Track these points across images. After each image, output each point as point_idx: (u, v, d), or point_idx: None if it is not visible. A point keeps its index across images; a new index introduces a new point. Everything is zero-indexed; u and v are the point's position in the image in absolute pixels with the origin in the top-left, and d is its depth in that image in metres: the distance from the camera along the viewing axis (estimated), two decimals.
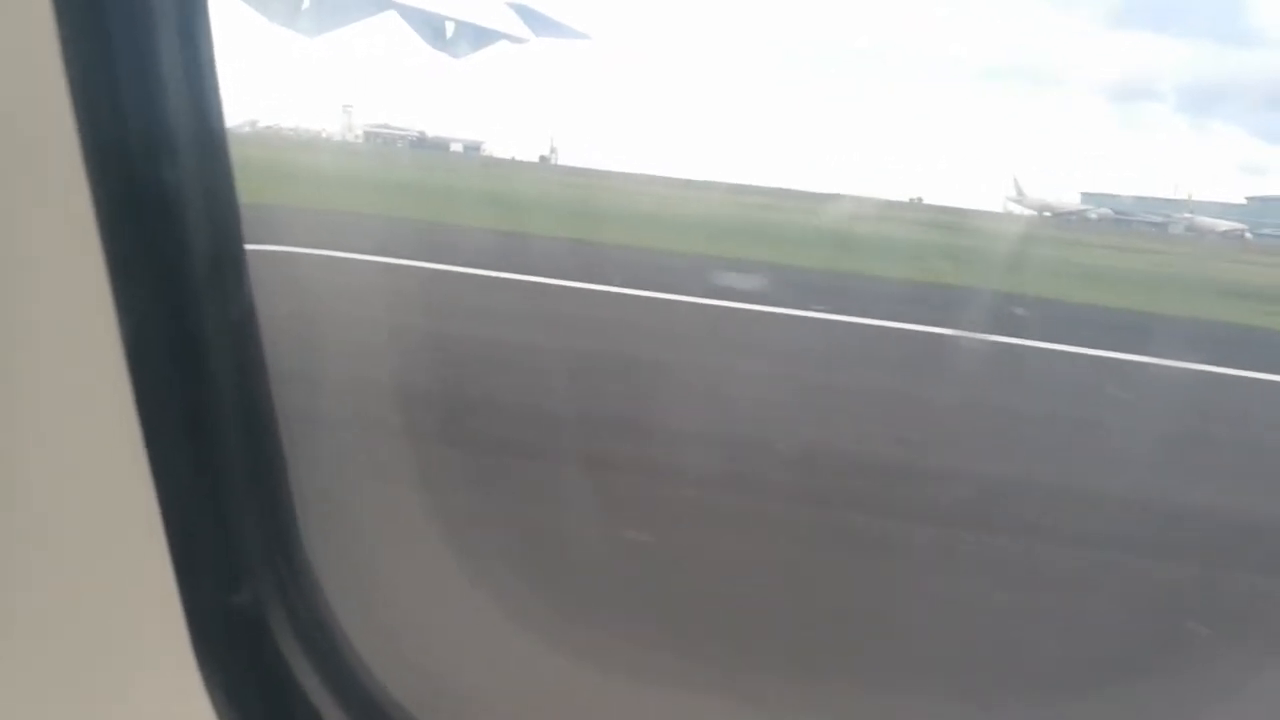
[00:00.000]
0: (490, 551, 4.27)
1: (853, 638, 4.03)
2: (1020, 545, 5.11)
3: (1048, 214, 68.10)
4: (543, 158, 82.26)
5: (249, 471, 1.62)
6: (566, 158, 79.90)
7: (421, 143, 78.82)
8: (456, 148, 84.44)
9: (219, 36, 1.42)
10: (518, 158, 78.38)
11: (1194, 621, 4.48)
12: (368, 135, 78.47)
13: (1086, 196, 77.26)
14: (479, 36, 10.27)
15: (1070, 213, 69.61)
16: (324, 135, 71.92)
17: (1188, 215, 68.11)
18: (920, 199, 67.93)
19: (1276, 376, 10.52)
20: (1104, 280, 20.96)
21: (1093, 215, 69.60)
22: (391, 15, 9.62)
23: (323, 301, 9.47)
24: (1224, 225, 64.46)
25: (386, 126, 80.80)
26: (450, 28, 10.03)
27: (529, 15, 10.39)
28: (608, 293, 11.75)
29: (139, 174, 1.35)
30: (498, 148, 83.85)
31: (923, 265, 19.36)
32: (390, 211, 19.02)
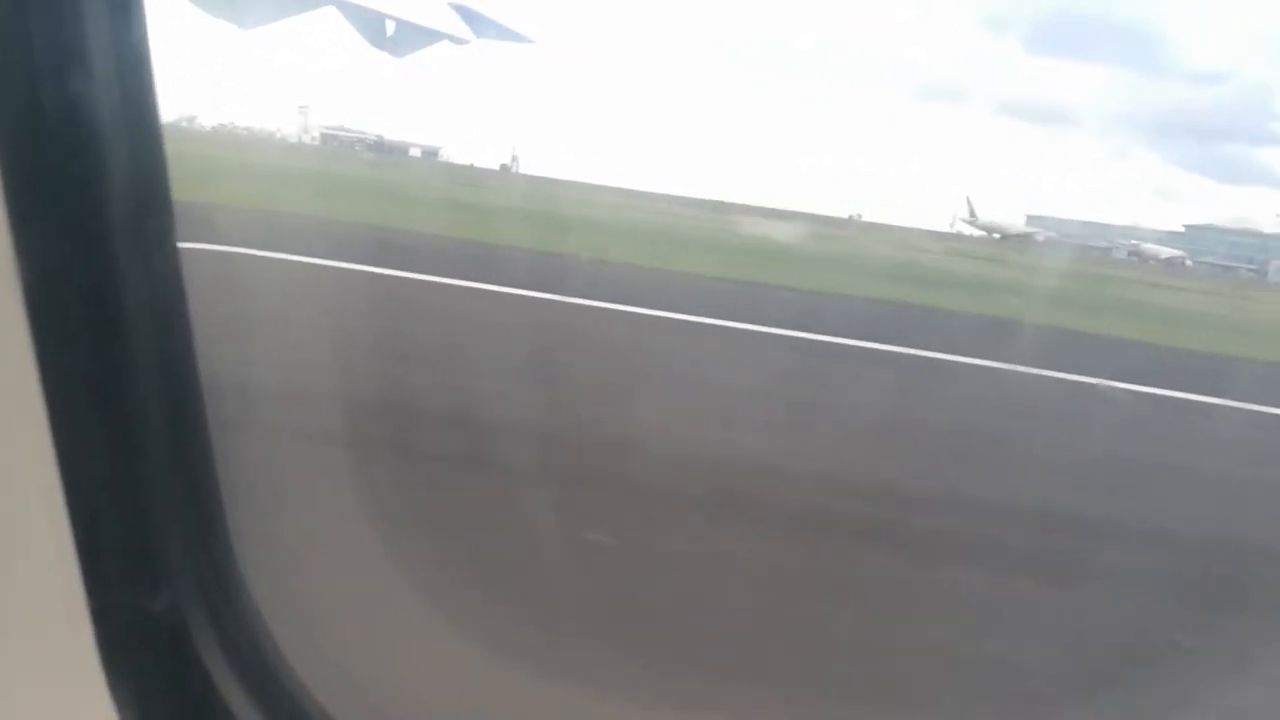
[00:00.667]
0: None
1: None
2: None
3: (996, 235, 69.36)
4: (504, 166, 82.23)
5: (172, 469, 1.52)
6: (527, 166, 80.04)
7: (379, 146, 78.18)
8: (415, 152, 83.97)
9: (158, 29, 1.37)
10: (476, 164, 78.23)
11: None
12: (324, 137, 77.74)
13: (1031, 219, 78.98)
14: (420, 36, 10.18)
15: (1018, 235, 70.91)
16: (278, 135, 71.19)
17: (1134, 242, 69.61)
18: (859, 215, 68.58)
19: None
20: (1113, 312, 20.54)
21: (1040, 238, 70.95)
22: (330, 11, 9.49)
23: (264, 302, 9.35)
24: (1166, 252, 66.02)
25: (343, 129, 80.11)
26: (390, 26, 9.94)
27: (470, 16, 10.33)
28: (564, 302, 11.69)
29: (56, 164, 1.29)
30: (457, 154, 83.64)
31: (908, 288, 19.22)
32: (338, 214, 18.86)
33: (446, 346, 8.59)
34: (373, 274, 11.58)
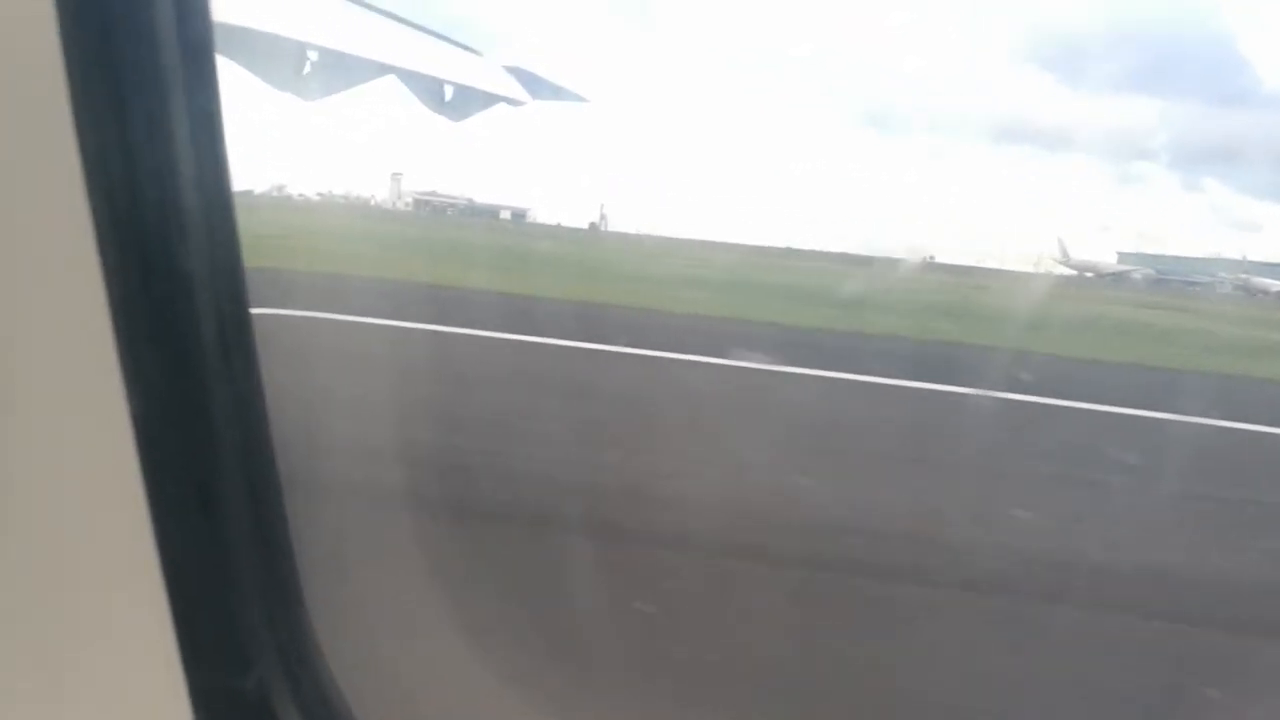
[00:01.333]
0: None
1: None
2: None
3: (1089, 274, 67.33)
4: (592, 224, 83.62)
5: (255, 547, 1.57)
6: (617, 223, 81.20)
7: (471, 210, 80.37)
8: (505, 215, 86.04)
9: (239, 103, 1.43)
10: (564, 223, 79.70)
11: None
12: (417, 203, 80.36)
13: (1123, 256, 76.52)
14: (477, 100, 10.42)
15: (1113, 274, 68.70)
16: (373, 202, 73.78)
17: (1243, 276, 66.48)
18: (932, 258, 66.69)
19: None
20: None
21: (1137, 276, 68.59)
22: (391, 79, 9.79)
23: (397, 370, 9.59)
24: (1277, 285, 63.00)
25: (435, 194, 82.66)
26: (449, 91, 10.20)
27: (526, 78, 10.54)
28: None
29: (149, 244, 1.36)
30: (545, 214, 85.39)
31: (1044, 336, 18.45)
32: (458, 281, 19.14)
33: (624, 420, 8.53)
34: (512, 341, 11.79)
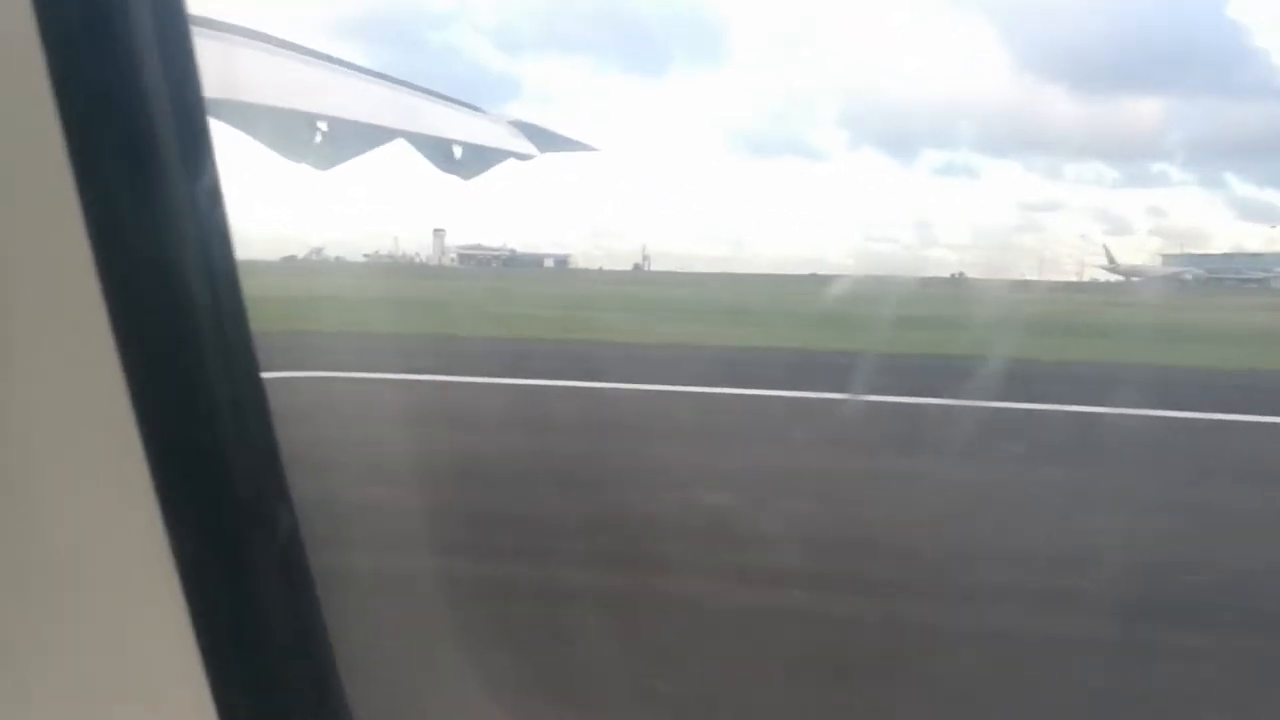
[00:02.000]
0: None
1: None
2: None
3: (1136, 279, 65.84)
4: (636, 265, 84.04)
5: (284, 611, 1.58)
6: (658, 263, 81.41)
7: (514, 261, 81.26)
8: (549, 263, 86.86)
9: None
10: (606, 267, 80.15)
11: None
12: (461, 257, 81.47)
13: (1168, 259, 74.49)
14: (486, 157, 10.55)
15: (1162, 277, 67.12)
16: (418, 259, 74.88)
17: None
18: (961, 274, 65.13)
19: None
20: None
21: (1188, 277, 66.93)
22: (400, 143, 9.98)
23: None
24: None
25: (479, 247, 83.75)
26: (458, 150, 10.36)
27: (533, 132, 10.65)
28: None
29: (159, 311, 1.38)
30: (586, 260, 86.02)
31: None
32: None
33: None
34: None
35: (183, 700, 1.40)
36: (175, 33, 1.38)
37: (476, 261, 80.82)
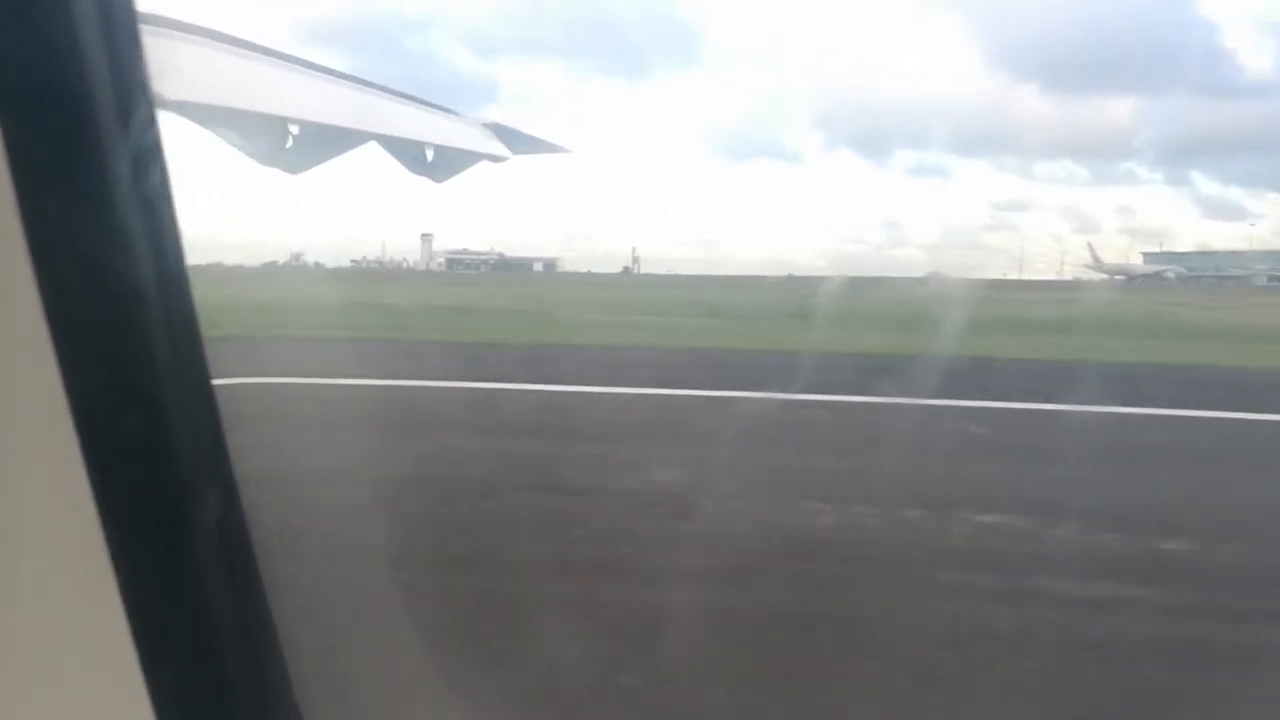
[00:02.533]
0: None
1: None
2: None
3: (1119, 278, 66.12)
4: (626, 268, 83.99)
5: (239, 640, 1.54)
6: (648, 266, 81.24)
7: (503, 265, 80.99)
8: (538, 267, 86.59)
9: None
10: (594, 270, 79.98)
11: None
12: (449, 261, 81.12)
13: (1149, 257, 74.96)
14: (458, 159, 10.53)
15: (1144, 275, 67.41)
16: (405, 264, 74.51)
17: None
18: (939, 273, 64.78)
19: None
20: None
21: (1170, 275, 67.25)
22: (372, 146, 9.95)
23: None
24: None
25: (465, 251, 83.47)
26: (430, 153, 10.33)
27: (504, 133, 10.65)
28: None
29: (98, 317, 1.34)
30: (572, 263, 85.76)
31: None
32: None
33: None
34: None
35: (122, 709, 1.38)
36: (121, 30, 1.34)
37: (464, 265, 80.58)
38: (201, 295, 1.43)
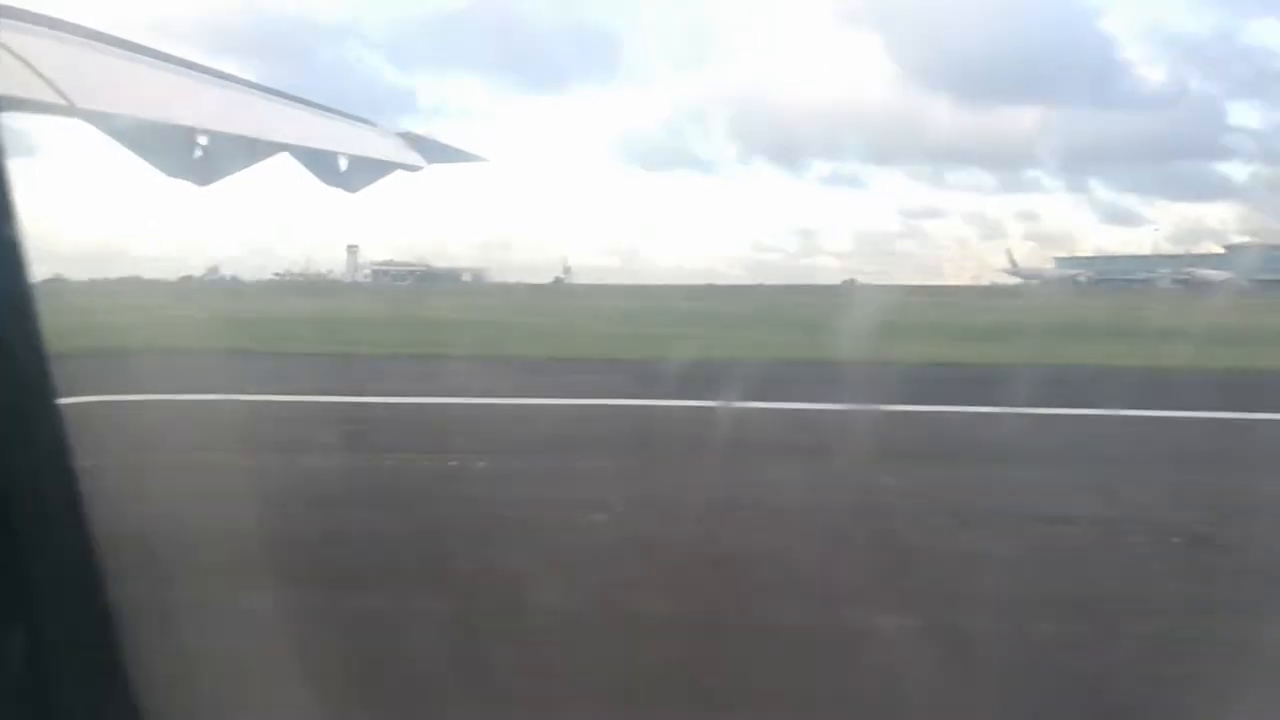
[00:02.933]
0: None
1: None
2: None
3: (1034, 281, 68.30)
4: (558, 279, 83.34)
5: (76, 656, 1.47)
6: (580, 276, 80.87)
7: (430, 276, 79.97)
8: (466, 277, 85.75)
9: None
10: (525, 280, 79.32)
11: None
12: (376, 273, 80.00)
13: (1061, 262, 77.58)
14: (372, 169, 10.36)
15: (1058, 279, 69.75)
16: (330, 275, 73.52)
17: (1188, 270, 67.57)
18: (854, 280, 65.14)
19: None
20: None
21: (1081, 279, 69.61)
22: (284, 157, 9.74)
23: None
24: (1219, 276, 64.01)
25: (391, 263, 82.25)
26: (343, 163, 10.15)
27: (419, 143, 10.52)
28: None
29: None
30: (502, 274, 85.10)
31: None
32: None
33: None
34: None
35: None
36: None
37: (391, 277, 79.55)
38: (105, 311, 1.36)
